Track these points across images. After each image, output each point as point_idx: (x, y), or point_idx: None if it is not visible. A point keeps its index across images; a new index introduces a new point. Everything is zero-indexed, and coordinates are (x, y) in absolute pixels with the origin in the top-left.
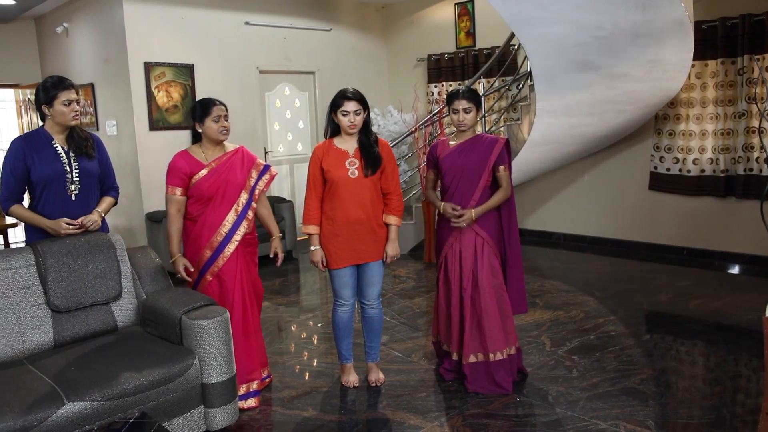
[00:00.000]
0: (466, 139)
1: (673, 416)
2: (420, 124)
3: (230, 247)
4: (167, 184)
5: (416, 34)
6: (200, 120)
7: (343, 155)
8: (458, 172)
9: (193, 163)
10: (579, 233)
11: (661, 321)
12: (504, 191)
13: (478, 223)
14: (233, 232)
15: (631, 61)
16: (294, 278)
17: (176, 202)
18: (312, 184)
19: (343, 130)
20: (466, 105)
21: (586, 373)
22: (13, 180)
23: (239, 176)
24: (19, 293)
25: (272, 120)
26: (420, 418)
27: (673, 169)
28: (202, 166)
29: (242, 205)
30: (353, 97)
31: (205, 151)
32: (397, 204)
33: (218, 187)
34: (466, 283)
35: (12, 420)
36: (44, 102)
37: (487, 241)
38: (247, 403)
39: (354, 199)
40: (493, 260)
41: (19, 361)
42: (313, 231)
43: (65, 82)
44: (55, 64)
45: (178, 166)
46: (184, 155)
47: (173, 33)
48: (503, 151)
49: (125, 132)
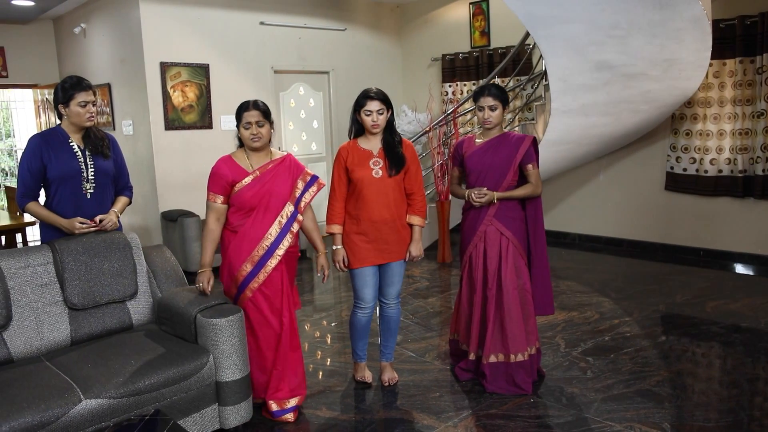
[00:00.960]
0: (493, 137)
1: (690, 419)
2: (434, 124)
3: (272, 262)
4: (208, 190)
5: (431, 33)
6: (237, 126)
7: (367, 155)
8: (483, 170)
9: (236, 170)
10: (594, 234)
11: (677, 323)
12: (532, 186)
13: (503, 222)
14: (276, 245)
15: (647, 60)
16: (308, 277)
17: (216, 210)
18: (336, 184)
19: (367, 130)
20: (491, 102)
21: (600, 374)
22: (29, 176)
23: (285, 186)
24: (37, 291)
25: (287, 120)
26: (433, 418)
27: (690, 170)
28: (245, 173)
29: (287, 218)
30: (376, 96)
31: (250, 158)
32: (420, 204)
33: (262, 197)
34: (491, 283)
35: (30, 416)
36: (61, 102)
37: (512, 241)
38: (289, 416)
39: (378, 199)
40: (518, 260)
41: (37, 357)
42: (337, 230)
43: (83, 83)
44: (72, 65)
45: (221, 172)
46: (227, 161)
47: (189, 33)
48: (530, 150)
49: (141, 131)
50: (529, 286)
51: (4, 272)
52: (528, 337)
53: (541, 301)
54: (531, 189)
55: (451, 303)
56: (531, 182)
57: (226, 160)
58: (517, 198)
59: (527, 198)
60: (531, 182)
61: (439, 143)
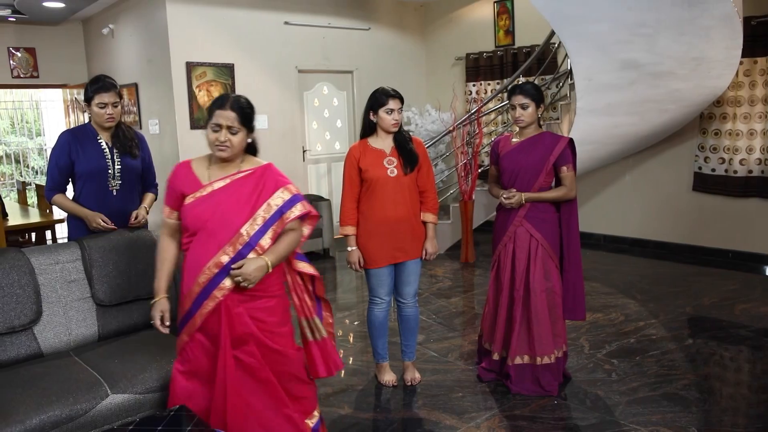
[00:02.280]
0: (528, 137)
1: (717, 424)
2: (458, 124)
3: (209, 304)
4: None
5: (455, 32)
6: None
7: (381, 154)
8: (515, 170)
9: (189, 181)
10: (620, 234)
11: (705, 326)
12: (564, 189)
13: (533, 223)
14: (214, 284)
15: (674, 58)
16: (331, 276)
17: (168, 226)
18: (348, 184)
19: (385, 129)
20: (522, 100)
21: (625, 377)
22: (57, 171)
23: (241, 209)
24: (66, 287)
25: (310, 119)
26: (456, 419)
27: (718, 170)
28: (198, 185)
29: (241, 246)
30: (396, 95)
31: (211, 167)
32: (433, 201)
33: (207, 220)
34: (518, 284)
35: (59, 409)
36: (85, 100)
37: (541, 243)
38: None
39: (394, 197)
40: (548, 263)
41: (66, 352)
42: (351, 232)
43: (104, 84)
44: (101, 65)
45: (173, 181)
46: (184, 168)
47: (214, 33)
48: (566, 151)
49: (167, 131)
50: (559, 289)
51: (35, 268)
52: (555, 340)
53: (572, 305)
54: (563, 192)
55: (474, 303)
56: (565, 185)
57: (184, 166)
58: (548, 200)
59: (561, 201)
60: (565, 185)
61: (463, 143)
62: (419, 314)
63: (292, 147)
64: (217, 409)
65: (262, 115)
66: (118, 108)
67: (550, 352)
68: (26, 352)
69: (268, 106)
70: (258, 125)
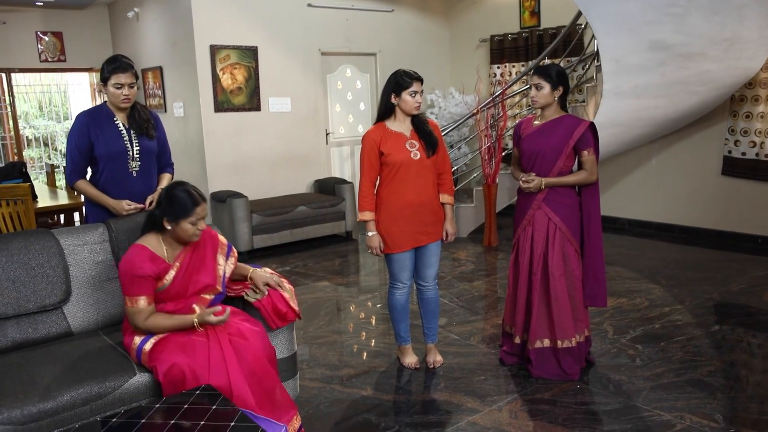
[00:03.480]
0: (549, 119)
1: (743, 411)
2: (482, 106)
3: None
4: (129, 294)
5: (479, 14)
6: (175, 219)
7: (401, 138)
8: (534, 153)
9: (158, 262)
10: (645, 219)
11: (732, 312)
12: (585, 173)
13: (552, 207)
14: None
15: (706, 39)
16: (353, 259)
17: (145, 312)
18: (368, 170)
19: (407, 111)
20: (537, 80)
21: (649, 362)
22: (78, 154)
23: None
24: (94, 268)
25: (333, 102)
26: (478, 401)
27: (749, 154)
28: (167, 266)
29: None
30: (418, 77)
31: (169, 246)
32: (450, 183)
33: (187, 287)
34: (536, 267)
35: (89, 386)
36: (101, 80)
37: (559, 227)
38: None
39: (417, 180)
40: (566, 247)
41: (95, 331)
42: (370, 217)
43: (119, 63)
44: (126, 48)
45: (145, 269)
46: (148, 254)
47: (238, 16)
48: (586, 134)
49: (191, 114)
50: (579, 273)
51: (64, 249)
52: (576, 324)
53: (593, 292)
54: (584, 176)
55: (497, 287)
56: (585, 169)
57: (145, 252)
58: (568, 184)
59: (582, 185)
60: (585, 169)
61: (487, 126)
62: (441, 297)
63: (315, 130)
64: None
65: (285, 98)
66: (134, 89)
67: (570, 336)
68: (57, 331)
69: (291, 88)
70: (281, 108)
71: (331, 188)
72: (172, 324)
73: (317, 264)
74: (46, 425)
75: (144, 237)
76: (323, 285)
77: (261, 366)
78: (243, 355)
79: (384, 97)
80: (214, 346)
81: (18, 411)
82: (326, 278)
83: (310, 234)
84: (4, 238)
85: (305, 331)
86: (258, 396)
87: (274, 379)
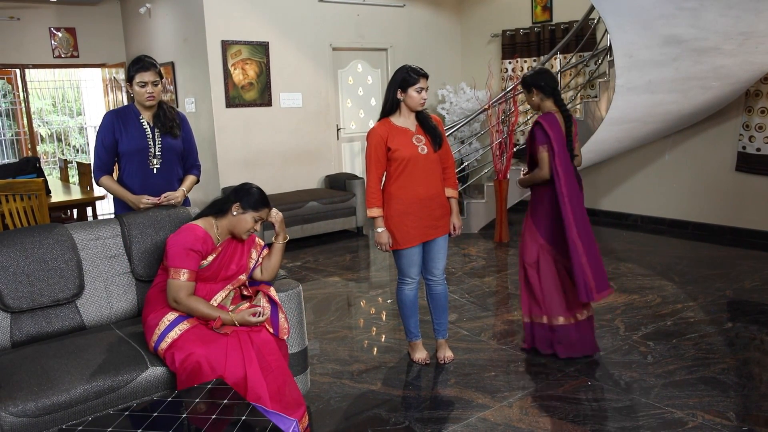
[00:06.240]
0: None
1: (756, 409)
2: (493, 102)
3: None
4: (176, 267)
5: (490, 9)
6: (245, 207)
7: (408, 133)
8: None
9: (209, 243)
10: (657, 215)
11: (745, 309)
12: (537, 170)
13: (530, 202)
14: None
15: (720, 33)
16: (364, 254)
17: (187, 287)
18: (374, 166)
19: (412, 107)
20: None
21: (661, 359)
22: (104, 150)
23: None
24: (106, 262)
25: (345, 97)
26: (488, 397)
27: (764, 149)
28: (214, 248)
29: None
30: (425, 73)
31: (221, 229)
32: (454, 177)
33: (219, 272)
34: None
35: (102, 380)
36: (126, 80)
37: (529, 217)
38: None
39: (426, 175)
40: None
41: (107, 325)
42: (378, 213)
43: (142, 63)
44: (138, 44)
45: (197, 245)
46: (200, 231)
47: (249, 12)
48: (536, 133)
49: (203, 109)
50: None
51: (77, 244)
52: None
53: (594, 280)
54: (535, 172)
55: (507, 283)
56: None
57: (200, 230)
58: (527, 182)
59: (538, 182)
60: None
61: (498, 121)
62: (451, 293)
63: (326, 125)
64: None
65: (297, 93)
66: (158, 87)
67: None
68: (70, 325)
69: (303, 84)
70: (292, 103)
71: (341, 184)
72: (209, 313)
73: (328, 259)
74: (59, 417)
75: (200, 219)
76: (334, 280)
77: (277, 361)
78: (260, 350)
79: (389, 93)
80: (233, 339)
81: (32, 403)
82: (337, 273)
83: (321, 229)
84: (19, 232)
85: (316, 327)
86: (272, 391)
87: (288, 375)
